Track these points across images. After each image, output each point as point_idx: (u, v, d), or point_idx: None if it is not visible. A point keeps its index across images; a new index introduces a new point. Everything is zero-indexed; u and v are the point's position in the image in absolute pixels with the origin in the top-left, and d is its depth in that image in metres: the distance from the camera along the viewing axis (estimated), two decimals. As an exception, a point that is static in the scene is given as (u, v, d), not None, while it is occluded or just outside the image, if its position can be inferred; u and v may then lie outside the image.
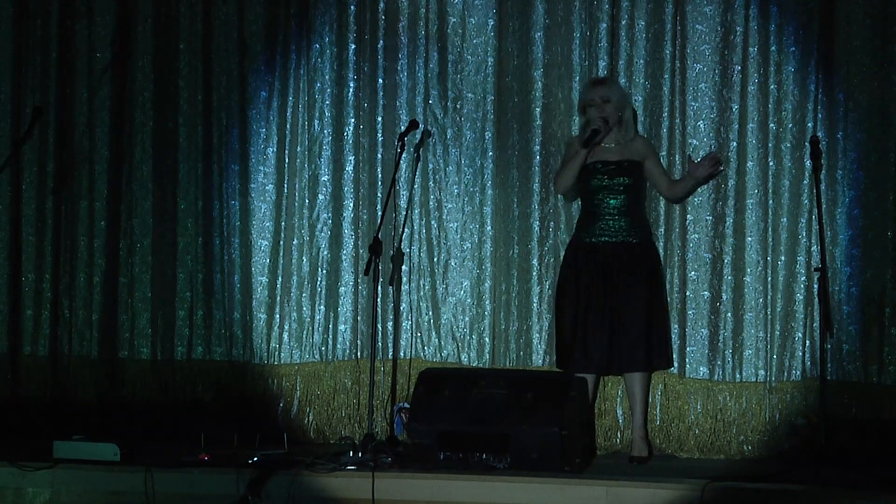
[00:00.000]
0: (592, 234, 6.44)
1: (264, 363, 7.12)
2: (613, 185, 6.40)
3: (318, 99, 7.13)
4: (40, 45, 7.34)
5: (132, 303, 7.25)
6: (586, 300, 6.37)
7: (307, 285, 7.12)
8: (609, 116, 6.41)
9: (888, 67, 6.50)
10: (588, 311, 6.35)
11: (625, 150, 6.46)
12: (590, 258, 6.41)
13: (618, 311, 6.32)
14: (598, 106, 6.42)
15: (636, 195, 6.46)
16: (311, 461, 5.86)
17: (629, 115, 6.52)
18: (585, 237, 6.46)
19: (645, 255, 6.43)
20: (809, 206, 6.55)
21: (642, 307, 6.33)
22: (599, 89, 6.47)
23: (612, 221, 6.41)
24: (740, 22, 6.64)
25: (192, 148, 7.24)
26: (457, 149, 7.02)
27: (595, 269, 6.38)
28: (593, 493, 5.62)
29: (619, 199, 6.41)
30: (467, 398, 6.03)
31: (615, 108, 6.43)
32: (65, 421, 6.71)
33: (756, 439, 6.57)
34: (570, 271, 6.47)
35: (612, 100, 6.44)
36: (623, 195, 6.41)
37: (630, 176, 6.42)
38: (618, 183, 6.40)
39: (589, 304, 6.36)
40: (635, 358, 6.33)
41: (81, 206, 7.28)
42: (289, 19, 7.16)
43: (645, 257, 6.43)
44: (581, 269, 6.42)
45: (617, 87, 6.55)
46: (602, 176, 6.42)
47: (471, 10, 6.98)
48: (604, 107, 6.41)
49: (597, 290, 6.36)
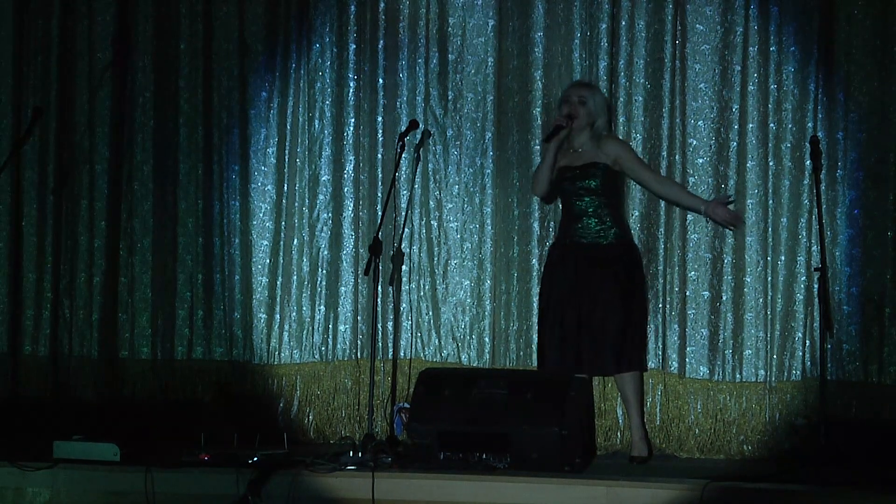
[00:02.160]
0: (568, 235, 6.46)
1: (264, 363, 7.13)
2: (580, 189, 6.40)
3: (318, 99, 7.14)
4: (41, 44, 7.35)
5: (132, 303, 7.25)
6: (559, 301, 6.38)
7: (307, 285, 7.13)
8: (578, 116, 6.40)
9: (888, 67, 6.49)
10: (562, 312, 6.36)
11: (592, 154, 6.43)
12: (565, 259, 6.43)
13: (589, 311, 6.31)
14: (573, 105, 6.42)
15: (608, 198, 6.43)
16: (311, 461, 5.86)
17: (602, 124, 6.48)
18: (563, 238, 6.49)
19: (619, 256, 6.41)
20: (809, 206, 6.54)
21: (613, 309, 6.31)
22: (580, 90, 6.50)
23: (585, 222, 6.40)
24: (740, 22, 6.64)
25: (192, 148, 7.25)
26: (457, 149, 7.02)
27: (569, 270, 6.39)
28: (593, 493, 5.61)
29: (587, 202, 6.39)
30: (467, 398, 6.03)
31: (587, 113, 6.43)
32: (65, 421, 6.71)
33: (756, 439, 6.57)
34: (548, 272, 6.52)
35: (587, 103, 6.44)
36: (591, 197, 6.39)
37: (596, 179, 6.39)
38: (584, 186, 6.39)
39: (562, 304, 6.37)
40: (604, 360, 6.33)
41: (82, 206, 7.29)
42: (289, 19, 7.17)
43: (619, 258, 6.41)
44: (557, 270, 6.45)
45: (599, 94, 6.56)
46: (569, 180, 6.43)
47: (471, 10, 6.98)
48: (577, 107, 6.42)
49: (570, 291, 6.36)
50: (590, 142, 6.46)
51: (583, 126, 6.45)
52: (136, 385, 7.22)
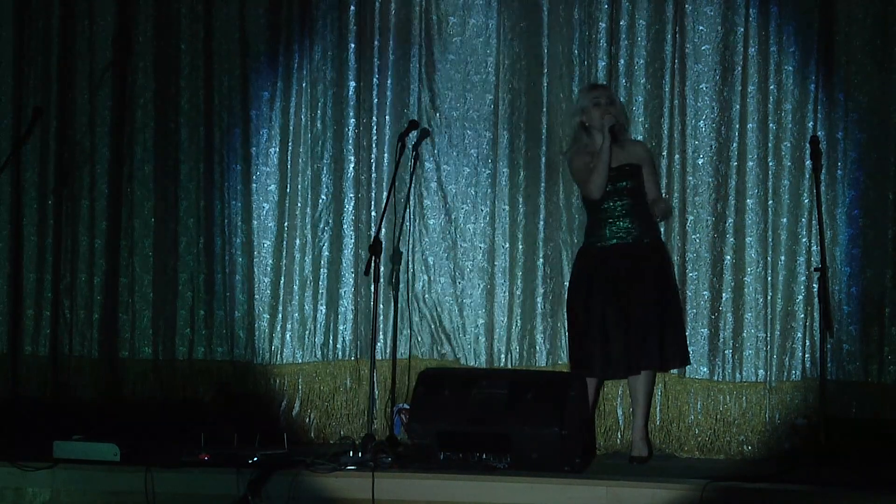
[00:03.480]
0: (602, 238, 6.40)
1: (266, 363, 7.12)
2: (616, 189, 6.38)
3: (320, 99, 7.14)
4: (41, 44, 7.35)
5: (133, 303, 7.25)
6: (602, 306, 6.32)
7: (309, 285, 7.13)
8: (617, 116, 6.41)
9: (888, 67, 6.50)
10: (605, 317, 6.31)
11: (625, 155, 6.44)
12: (602, 263, 6.38)
13: (632, 312, 6.29)
14: (603, 107, 6.40)
15: (640, 197, 6.43)
16: (311, 461, 5.86)
17: (626, 124, 6.55)
18: (596, 242, 6.42)
19: (655, 254, 6.41)
20: (809, 206, 6.54)
21: (654, 306, 6.31)
22: (603, 91, 6.48)
23: (620, 224, 6.38)
24: (740, 22, 6.64)
25: (193, 148, 7.25)
26: (457, 149, 7.02)
27: (608, 274, 6.34)
28: (593, 493, 5.62)
29: (623, 202, 6.38)
30: (467, 398, 6.03)
31: (618, 112, 6.42)
32: (65, 421, 6.71)
33: (756, 439, 6.57)
34: (583, 278, 6.42)
35: (616, 103, 6.47)
36: (627, 198, 6.39)
37: (631, 179, 6.40)
38: (620, 187, 6.38)
39: (605, 309, 6.31)
40: (650, 357, 6.31)
41: (82, 206, 7.29)
42: (290, 19, 7.17)
43: (655, 257, 6.40)
44: (594, 275, 6.38)
45: (615, 94, 6.59)
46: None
47: (471, 10, 6.99)
48: (609, 108, 6.40)
49: (611, 295, 6.32)
50: (621, 141, 6.44)
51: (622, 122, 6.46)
52: (136, 385, 7.22)
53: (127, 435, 6.13)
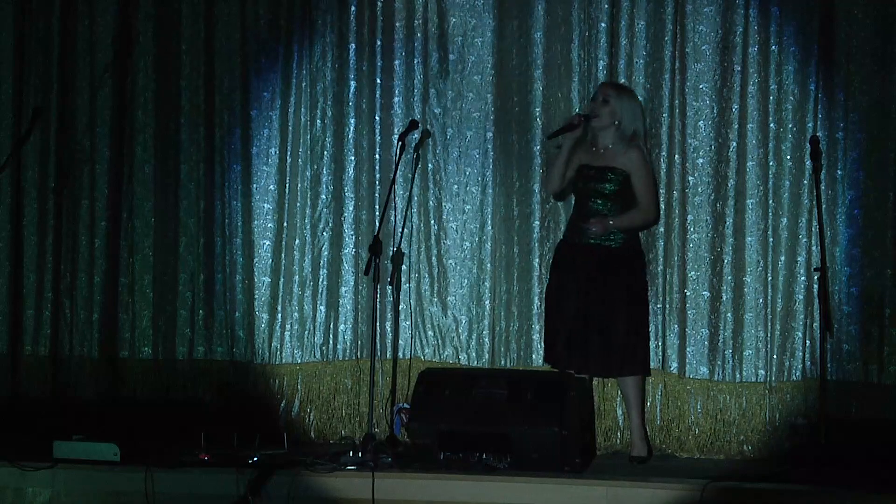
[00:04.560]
0: (577, 234, 6.42)
1: (266, 363, 7.12)
2: (595, 189, 6.36)
3: (320, 99, 7.14)
4: (41, 44, 7.34)
5: (133, 303, 7.25)
6: (567, 300, 6.36)
7: (309, 285, 7.13)
8: (598, 115, 6.37)
9: (888, 67, 6.49)
10: (570, 311, 6.34)
11: (613, 157, 6.38)
12: (573, 259, 6.40)
13: (596, 314, 6.30)
14: (596, 103, 6.39)
15: (623, 202, 6.38)
16: (311, 461, 5.87)
17: (630, 128, 6.36)
18: (572, 237, 6.45)
19: (627, 260, 6.38)
20: (809, 206, 6.54)
21: (621, 312, 6.30)
22: (607, 89, 6.44)
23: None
24: (740, 22, 6.64)
25: (193, 148, 7.25)
26: (457, 149, 7.03)
27: (578, 270, 6.36)
28: (593, 493, 5.63)
29: (600, 204, 6.36)
30: (467, 398, 6.04)
31: (610, 112, 6.36)
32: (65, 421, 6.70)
33: (756, 439, 6.57)
34: (555, 269, 6.50)
35: (610, 102, 6.37)
36: (607, 201, 6.35)
37: (612, 184, 6.35)
38: (598, 189, 6.36)
39: (570, 303, 6.35)
40: (608, 362, 6.32)
41: (83, 206, 7.29)
42: (290, 19, 7.17)
43: (626, 263, 6.38)
44: (564, 268, 6.43)
45: (629, 98, 6.44)
46: (585, 178, 6.40)
47: (471, 10, 6.98)
48: (600, 106, 6.38)
49: (578, 291, 6.34)
50: (615, 144, 6.39)
51: (605, 125, 6.39)
52: (136, 385, 7.22)
53: (127, 435, 6.14)
